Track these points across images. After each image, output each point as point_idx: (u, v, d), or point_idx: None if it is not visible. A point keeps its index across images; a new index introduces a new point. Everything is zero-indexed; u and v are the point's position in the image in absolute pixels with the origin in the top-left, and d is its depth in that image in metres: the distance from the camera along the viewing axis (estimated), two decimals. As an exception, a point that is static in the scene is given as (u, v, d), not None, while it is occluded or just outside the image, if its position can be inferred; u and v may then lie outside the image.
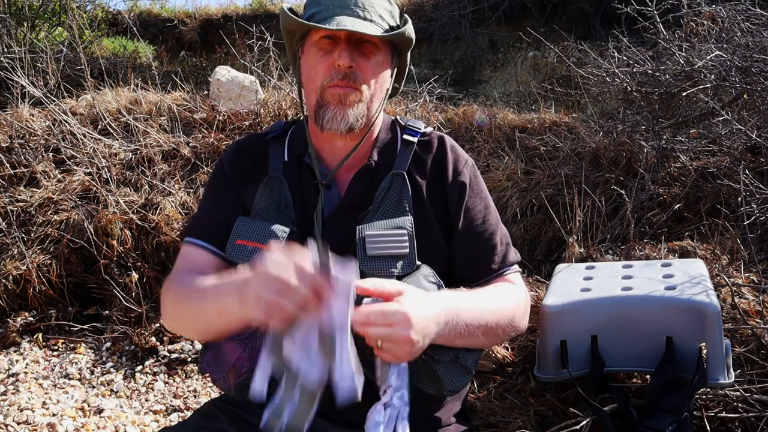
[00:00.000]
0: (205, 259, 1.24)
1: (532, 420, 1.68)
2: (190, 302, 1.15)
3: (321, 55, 1.19)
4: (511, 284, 1.27)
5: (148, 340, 2.63)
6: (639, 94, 3.31)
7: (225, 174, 1.31)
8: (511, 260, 1.30)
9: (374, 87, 1.22)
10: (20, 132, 3.55)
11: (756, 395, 1.52)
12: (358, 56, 1.18)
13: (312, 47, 1.21)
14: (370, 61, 1.20)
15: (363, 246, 1.15)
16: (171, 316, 1.24)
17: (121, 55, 6.36)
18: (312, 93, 1.22)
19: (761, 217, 2.31)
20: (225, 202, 1.29)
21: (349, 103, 1.19)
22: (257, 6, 7.53)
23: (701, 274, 1.56)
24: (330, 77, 1.18)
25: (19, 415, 2.18)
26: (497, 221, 1.32)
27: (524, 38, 5.84)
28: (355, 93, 1.19)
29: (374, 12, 1.20)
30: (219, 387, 1.22)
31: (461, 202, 1.26)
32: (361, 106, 1.20)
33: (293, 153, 1.31)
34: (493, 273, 1.27)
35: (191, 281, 1.16)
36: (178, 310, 1.20)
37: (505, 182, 3.26)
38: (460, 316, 1.08)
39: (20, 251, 2.87)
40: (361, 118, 1.21)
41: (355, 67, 1.18)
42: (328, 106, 1.19)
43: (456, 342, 1.10)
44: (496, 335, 1.19)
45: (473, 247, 1.27)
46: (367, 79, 1.20)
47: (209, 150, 3.47)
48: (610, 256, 2.47)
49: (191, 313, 1.16)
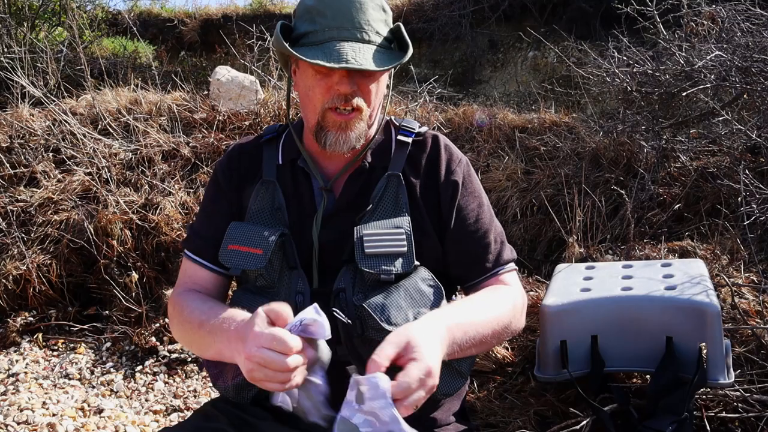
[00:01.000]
0: (203, 276, 1.30)
1: (532, 420, 1.68)
2: (188, 329, 1.21)
3: (319, 78, 1.17)
4: (506, 286, 1.26)
5: (148, 340, 2.63)
6: (639, 94, 3.31)
7: (219, 184, 1.33)
8: (505, 259, 1.29)
9: (374, 103, 1.22)
10: (20, 132, 3.55)
11: (756, 395, 1.52)
12: (358, 79, 1.17)
13: (309, 67, 1.17)
14: (371, 81, 1.19)
15: (361, 245, 1.15)
16: (174, 330, 1.32)
17: (121, 55, 6.36)
18: (311, 113, 1.21)
19: (761, 217, 2.31)
20: (217, 215, 1.31)
21: (351, 127, 1.19)
22: (257, 6, 7.54)
23: (701, 274, 1.56)
24: (331, 100, 1.17)
25: (19, 415, 2.18)
26: (491, 220, 1.31)
27: (524, 38, 5.85)
28: (356, 116, 1.19)
29: (372, 30, 1.17)
30: (218, 388, 1.22)
31: (453, 200, 1.26)
32: (362, 124, 1.21)
33: (287, 156, 1.31)
34: (487, 272, 1.26)
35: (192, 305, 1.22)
36: (178, 329, 1.27)
37: (505, 182, 3.25)
38: (462, 335, 1.09)
39: (20, 251, 2.87)
40: (363, 136, 1.22)
41: (356, 90, 1.17)
42: (329, 130, 1.19)
43: (455, 356, 1.10)
44: (490, 344, 1.20)
45: (466, 246, 1.26)
46: (367, 98, 1.19)
47: (209, 150, 3.47)
48: (610, 256, 2.47)
49: (189, 337, 1.24)
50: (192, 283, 1.30)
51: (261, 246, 1.17)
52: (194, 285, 1.29)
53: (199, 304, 1.21)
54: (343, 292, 1.14)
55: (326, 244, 1.22)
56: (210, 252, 1.28)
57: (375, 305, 1.09)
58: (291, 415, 1.18)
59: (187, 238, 1.34)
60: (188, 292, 1.27)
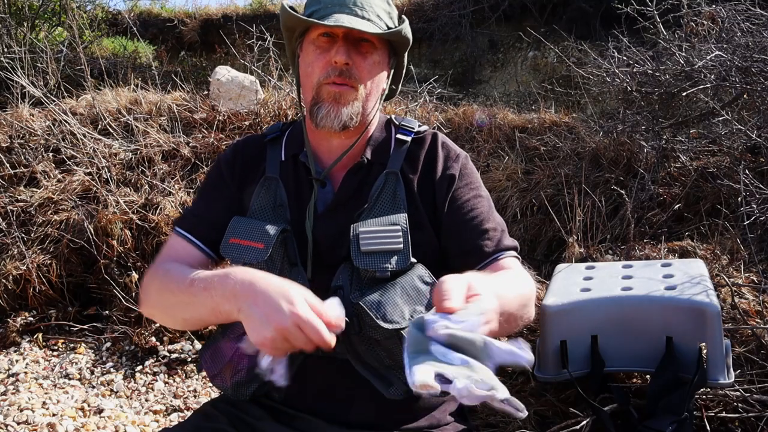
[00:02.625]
0: (191, 252, 1.25)
1: (532, 420, 1.68)
2: (174, 290, 1.13)
3: (319, 52, 1.20)
4: (512, 270, 1.20)
5: (148, 340, 2.63)
6: (639, 94, 3.31)
7: (221, 173, 1.33)
8: (506, 245, 1.24)
9: (370, 86, 1.23)
10: (20, 132, 3.55)
11: (756, 395, 1.52)
12: (355, 54, 1.19)
13: (310, 45, 1.22)
14: (367, 60, 1.21)
15: (357, 242, 1.15)
16: (153, 301, 1.21)
17: (121, 55, 6.36)
18: (308, 90, 1.23)
19: (761, 217, 2.31)
20: (217, 199, 1.30)
21: (343, 101, 1.19)
22: (257, 6, 7.53)
23: (701, 274, 1.56)
24: (326, 74, 1.19)
25: (19, 415, 2.18)
26: (490, 210, 1.28)
27: (524, 38, 5.85)
28: (350, 91, 1.20)
29: (372, 12, 1.21)
30: (216, 386, 1.22)
31: (448, 192, 1.26)
32: (357, 104, 1.21)
33: (289, 152, 1.32)
34: (487, 258, 1.21)
35: (179, 270, 1.16)
36: (158, 295, 1.19)
37: (505, 182, 3.25)
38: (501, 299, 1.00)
39: (20, 251, 2.87)
40: (356, 117, 1.22)
41: (351, 64, 1.18)
42: (322, 103, 1.20)
43: None
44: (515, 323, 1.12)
45: (463, 234, 1.24)
46: (363, 77, 1.21)
47: (209, 150, 3.47)
48: (610, 256, 2.47)
49: (173, 299, 1.14)
50: (177, 257, 1.24)
51: (262, 240, 1.18)
52: (178, 260, 1.23)
53: (186, 268, 1.16)
54: (341, 290, 1.15)
55: (324, 239, 1.22)
56: (202, 232, 1.26)
57: (371, 302, 1.09)
58: (291, 414, 1.19)
59: (179, 218, 1.32)
60: (172, 262, 1.22)
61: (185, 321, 1.17)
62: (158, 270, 1.21)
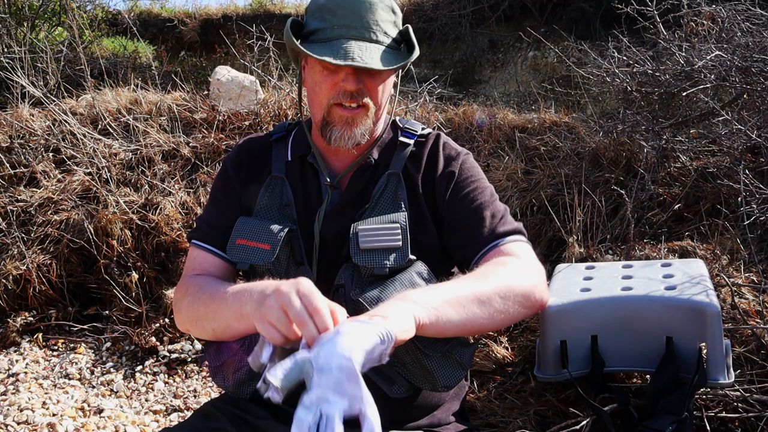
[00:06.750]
0: (212, 262, 1.27)
1: (532, 420, 1.68)
2: (206, 300, 1.16)
3: (326, 74, 1.18)
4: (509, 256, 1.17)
5: (148, 340, 2.63)
6: (639, 94, 3.31)
7: (228, 176, 1.34)
8: (507, 230, 1.22)
9: (380, 99, 1.23)
10: (20, 132, 3.55)
11: (756, 395, 1.52)
12: (364, 77, 1.18)
13: (316, 63, 1.19)
14: (377, 79, 1.20)
15: (356, 240, 1.16)
16: (186, 316, 1.22)
17: (121, 55, 6.36)
18: (318, 108, 1.23)
19: (761, 217, 2.31)
20: (227, 205, 1.31)
21: (356, 123, 1.20)
22: (257, 6, 7.53)
23: (701, 274, 1.56)
24: (336, 96, 1.18)
25: (19, 415, 2.18)
26: (491, 200, 1.26)
27: (524, 38, 5.84)
28: (362, 112, 1.20)
29: (380, 30, 1.19)
30: (217, 384, 1.22)
31: (447, 189, 1.27)
32: (368, 121, 1.21)
33: (296, 153, 1.33)
34: (485, 246, 1.19)
35: (211, 280, 1.20)
36: (196, 310, 1.19)
37: (505, 182, 3.25)
38: (424, 295, 1.01)
39: (20, 251, 2.87)
40: (368, 133, 1.23)
41: (362, 87, 1.18)
42: (335, 126, 1.20)
43: (436, 321, 0.99)
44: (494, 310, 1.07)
45: (462, 223, 1.23)
46: (374, 96, 1.21)
47: (209, 150, 3.48)
48: (610, 256, 2.47)
49: (204, 310, 1.16)
50: (202, 270, 1.27)
51: (269, 241, 1.18)
52: (204, 272, 1.26)
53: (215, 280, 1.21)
54: (342, 288, 1.15)
55: (329, 239, 1.23)
56: (219, 240, 1.27)
57: (370, 299, 1.10)
58: (291, 413, 1.19)
59: (194, 229, 1.34)
60: (202, 276, 1.25)
61: (214, 330, 1.17)
62: (188, 284, 1.23)
